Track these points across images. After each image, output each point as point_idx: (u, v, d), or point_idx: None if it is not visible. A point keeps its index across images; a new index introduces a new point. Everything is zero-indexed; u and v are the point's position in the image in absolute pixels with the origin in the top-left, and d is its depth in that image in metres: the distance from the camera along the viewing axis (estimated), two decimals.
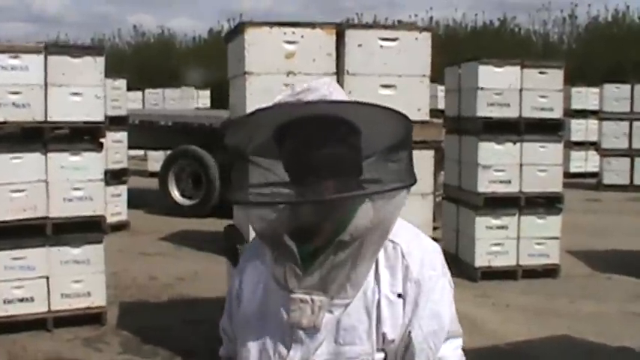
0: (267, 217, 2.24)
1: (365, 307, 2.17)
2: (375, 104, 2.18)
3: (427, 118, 6.26)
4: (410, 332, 2.18)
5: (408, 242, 2.25)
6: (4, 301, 7.56)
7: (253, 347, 2.26)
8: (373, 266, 2.19)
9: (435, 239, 2.44)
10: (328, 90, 2.23)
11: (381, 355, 2.19)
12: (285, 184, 2.23)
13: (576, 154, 22.28)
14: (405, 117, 2.15)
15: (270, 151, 2.24)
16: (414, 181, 2.16)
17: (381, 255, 2.21)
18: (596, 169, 21.14)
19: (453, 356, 2.26)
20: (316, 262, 2.17)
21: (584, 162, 22.43)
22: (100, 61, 8.03)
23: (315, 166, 2.13)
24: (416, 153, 6.72)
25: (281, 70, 5.85)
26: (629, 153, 19.86)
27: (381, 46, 6.11)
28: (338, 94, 2.26)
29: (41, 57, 7.67)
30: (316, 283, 2.16)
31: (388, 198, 2.17)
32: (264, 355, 2.23)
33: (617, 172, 19.98)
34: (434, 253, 2.28)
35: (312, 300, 2.15)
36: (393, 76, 6.13)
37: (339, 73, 6.05)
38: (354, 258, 2.16)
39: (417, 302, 2.19)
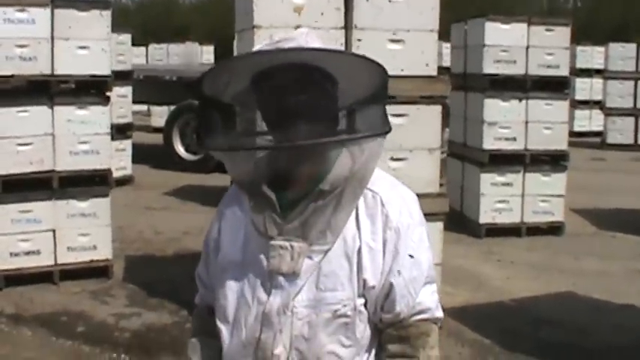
0: (245, 166, 2.27)
1: (345, 254, 2.21)
2: (351, 53, 2.21)
3: (435, 73, 6.25)
4: (391, 279, 2.22)
5: (386, 191, 2.29)
6: (11, 254, 7.60)
7: (231, 293, 2.29)
8: (354, 214, 2.24)
9: (441, 195, 2.46)
10: (305, 40, 2.24)
11: (362, 300, 2.23)
12: (262, 133, 2.26)
13: (580, 113, 22.20)
14: (381, 66, 2.16)
15: (249, 101, 2.25)
16: (389, 130, 2.18)
17: (361, 204, 2.25)
18: (599, 129, 21.11)
19: (431, 301, 2.31)
20: (296, 210, 2.21)
21: (589, 121, 22.37)
22: (107, 14, 8.02)
23: (289, 112, 2.15)
24: (423, 108, 6.69)
25: (289, 24, 5.80)
26: (634, 112, 19.84)
27: (390, 1, 6.09)
28: (315, 43, 2.27)
29: (48, 10, 7.65)
30: (296, 230, 2.19)
31: (365, 147, 2.19)
32: (242, 301, 2.27)
33: (621, 131, 19.99)
34: (411, 202, 2.33)
35: (292, 246, 2.19)
36: (402, 31, 6.12)
37: (348, 27, 6.02)
38: (334, 206, 2.20)
39: (397, 249, 2.23)
